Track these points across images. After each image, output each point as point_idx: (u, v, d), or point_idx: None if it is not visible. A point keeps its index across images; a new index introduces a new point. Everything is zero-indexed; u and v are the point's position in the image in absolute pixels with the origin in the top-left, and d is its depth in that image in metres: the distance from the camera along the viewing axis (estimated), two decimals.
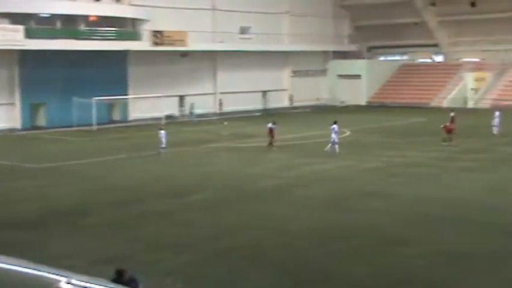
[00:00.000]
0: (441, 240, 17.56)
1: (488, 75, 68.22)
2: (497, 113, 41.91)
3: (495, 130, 41.24)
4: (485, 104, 64.59)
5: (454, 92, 68.27)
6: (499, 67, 69.19)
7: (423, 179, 27.14)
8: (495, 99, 65.06)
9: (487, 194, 23.77)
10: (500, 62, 69.60)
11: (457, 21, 72.09)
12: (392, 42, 77.50)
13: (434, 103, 68.26)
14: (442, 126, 37.75)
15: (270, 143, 36.56)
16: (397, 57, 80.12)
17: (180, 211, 21.77)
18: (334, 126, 34.58)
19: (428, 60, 78.39)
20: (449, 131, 37.37)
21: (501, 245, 17.03)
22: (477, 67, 70.48)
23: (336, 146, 34.36)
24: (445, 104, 66.81)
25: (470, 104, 65.48)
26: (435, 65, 76.62)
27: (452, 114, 42.20)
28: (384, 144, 38.46)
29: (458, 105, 64.52)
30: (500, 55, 70.32)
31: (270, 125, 36.97)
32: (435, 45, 75.57)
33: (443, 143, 36.66)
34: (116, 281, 10.58)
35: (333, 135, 34.37)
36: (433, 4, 71.39)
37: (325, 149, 34.61)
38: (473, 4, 67.53)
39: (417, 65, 77.29)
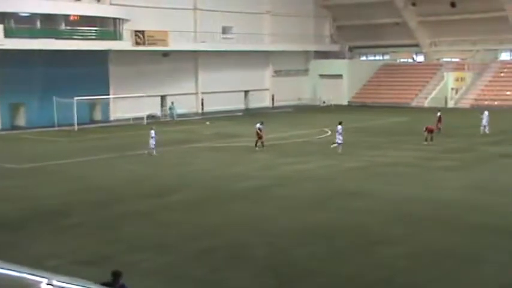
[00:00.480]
0: (424, 240, 17.63)
1: (468, 75, 68.77)
2: (486, 113, 42.16)
3: (482, 130, 41.41)
4: (465, 103, 65.11)
5: (434, 92, 68.72)
6: (478, 67, 69.77)
7: (405, 178, 27.25)
8: (475, 99, 65.60)
9: (469, 193, 23.92)
10: (480, 62, 70.20)
11: (437, 22, 72.56)
12: (373, 42, 77.85)
13: (415, 103, 68.68)
14: (424, 129, 37.89)
15: (260, 143, 36.09)
16: (378, 57, 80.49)
17: (162, 211, 21.68)
18: (339, 127, 34.80)
19: (409, 60, 78.85)
20: (430, 130, 37.57)
21: (482, 245, 17.13)
22: (457, 67, 71.02)
23: (339, 146, 34.62)
24: (426, 103, 67.28)
25: (451, 104, 65.95)
26: (416, 65, 77.11)
27: (439, 113, 42.58)
28: (365, 144, 38.57)
29: (438, 104, 64.99)
30: (480, 55, 70.96)
31: (258, 125, 36.59)
32: (416, 45, 76.02)
33: (425, 143, 36.87)
34: (111, 283, 10.56)
35: (338, 136, 34.68)
36: (414, 4, 71.80)
37: (332, 146, 34.99)
38: (453, 4, 68.03)
39: (398, 65, 77.72)
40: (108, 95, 56.32)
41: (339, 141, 34.72)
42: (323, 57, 77.28)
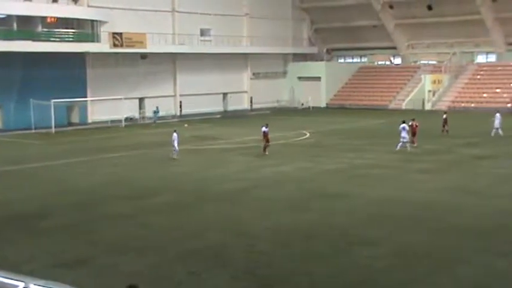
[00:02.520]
0: (402, 241, 17.74)
1: (445, 78, 69.38)
2: (497, 115, 41.86)
3: (494, 132, 41.23)
4: (443, 106, 65.60)
5: (412, 94, 69.26)
6: (455, 69, 70.44)
7: (384, 180, 27.40)
8: (452, 101, 66.16)
9: (447, 194, 24.10)
10: (456, 65, 70.86)
11: (414, 24, 73.16)
12: (351, 45, 78.31)
13: (393, 105, 69.13)
14: (409, 124, 37.88)
15: (265, 147, 35.23)
16: (356, 60, 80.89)
17: (142, 213, 21.57)
18: (404, 125, 35.31)
19: (387, 63, 79.34)
20: (413, 132, 37.40)
21: (460, 245, 17.28)
22: (434, 69, 71.61)
23: (408, 144, 35.23)
24: (403, 106, 67.76)
25: (428, 106, 66.45)
26: (393, 68, 77.62)
27: (445, 116, 42.87)
28: (344, 146, 38.75)
29: (416, 107, 65.51)
30: (457, 58, 71.63)
31: (263, 128, 35.69)
32: (394, 48, 76.53)
33: (408, 144, 36.74)
34: None
35: (403, 134, 35.16)
36: (391, 7, 72.30)
37: (396, 149, 35.14)
38: (430, 7, 68.65)
39: (376, 67, 78.17)
40: (86, 97, 55.99)
41: (403, 140, 35.15)
42: (302, 59, 77.54)
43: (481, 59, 73.16)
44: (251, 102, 71.37)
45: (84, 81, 56.78)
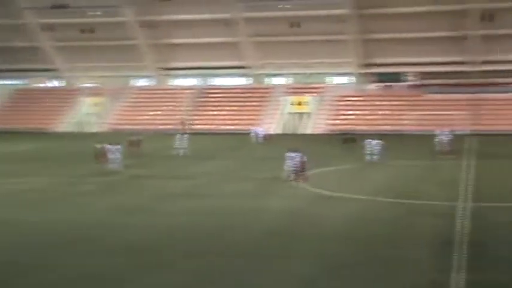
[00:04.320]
0: (64, 266, 17.48)
1: (104, 100, 70.65)
2: (184, 136, 44.91)
3: (182, 152, 43.89)
4: (104, 127, 66.53)
5: (73, 117, 69.29)
6: (115, 92, 72.23)
7: (47, 204, 26.92)
8: (114, 124, 67.39)
9: (113, 214, 24.55)
10: (116, 88, 72.86)
11: (74, 47, 73.22)
12: (7, 66, 75.19)
13: (55, 128, 68.15)
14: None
15: None
16: (16, 81, 78.01)
17: None
18: (292, 154, 31.71)
19: (48, 85, 78.22)
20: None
21: (126, 264, 17.63)
22: (95, 92, 72.45)
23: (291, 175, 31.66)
24: (65, 128, 67.27)
25: (90, 128, 66.75)
26: (55, 90, 77.02)
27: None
28: (4, 172, 36.86)
29: (77, 129, 65.65)
30: (117, 81, 73.87)
31: None
32: (55, 70, 75.58)
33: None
34: None
35: (289, 162, 31.66)
36: (51, 29, 71.62)
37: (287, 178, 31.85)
38: (87, 31, 69.90)
39: (36, 90, 76.63)
40: None
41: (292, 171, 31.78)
42: None
43: (140, 82, 76.32)
44: None
45: None
